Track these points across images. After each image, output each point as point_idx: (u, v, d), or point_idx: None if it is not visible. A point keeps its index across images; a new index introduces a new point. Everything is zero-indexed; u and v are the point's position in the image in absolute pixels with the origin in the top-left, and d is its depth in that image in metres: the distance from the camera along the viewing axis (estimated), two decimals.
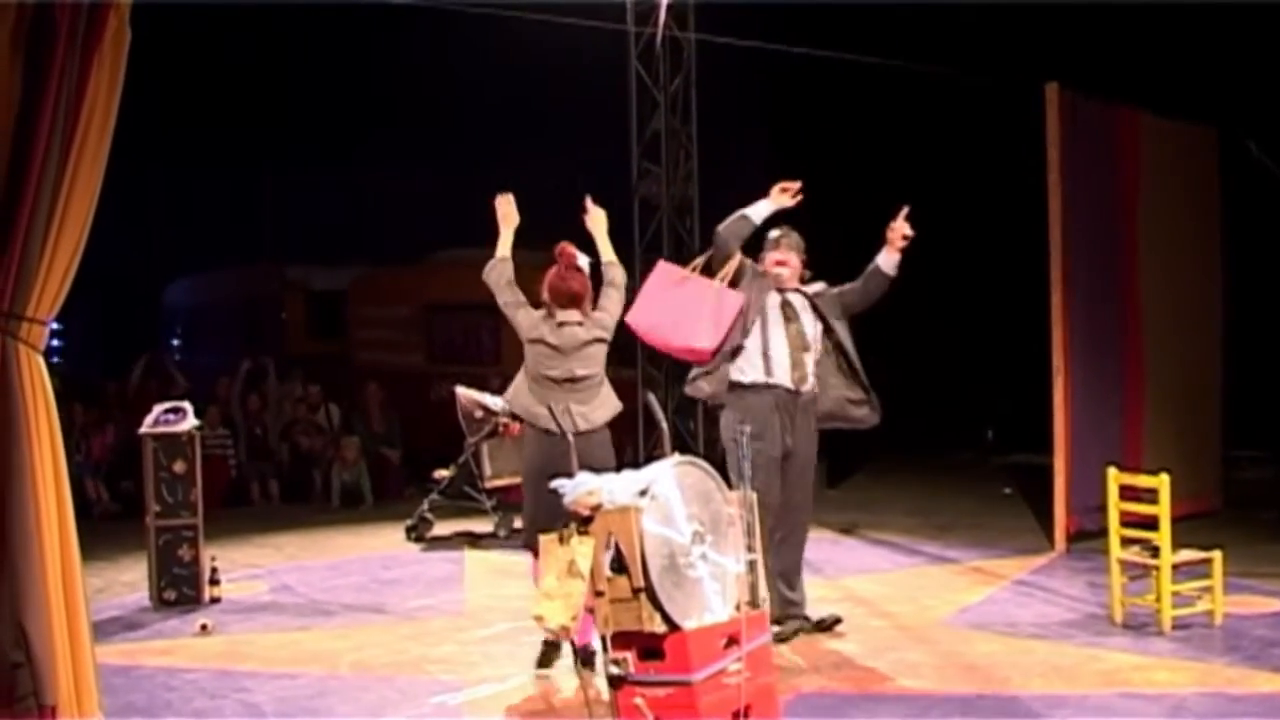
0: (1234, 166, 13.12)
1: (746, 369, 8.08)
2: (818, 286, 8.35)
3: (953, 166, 17.86)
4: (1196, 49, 13.91)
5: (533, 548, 7.11)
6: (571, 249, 7.62)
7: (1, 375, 5.47)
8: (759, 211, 8.23)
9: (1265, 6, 12.33)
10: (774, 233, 8.36)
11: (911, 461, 16.95)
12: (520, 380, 7.62)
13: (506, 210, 7.86)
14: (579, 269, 7.60)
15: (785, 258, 8.26)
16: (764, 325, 8.10)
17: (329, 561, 11.36)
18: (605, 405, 7.61)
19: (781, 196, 8.23)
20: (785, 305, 8.17)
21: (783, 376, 8.05)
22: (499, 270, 7.67)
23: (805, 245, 8.36)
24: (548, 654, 7.43)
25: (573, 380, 7.50)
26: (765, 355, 8.06)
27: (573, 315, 7.55)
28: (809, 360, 8.16)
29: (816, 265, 8.39)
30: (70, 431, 12.81)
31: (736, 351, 8.09)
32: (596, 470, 6.11)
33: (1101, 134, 11.51)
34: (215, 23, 17.23)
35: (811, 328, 8.22)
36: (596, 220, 7.94)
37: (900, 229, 8.26)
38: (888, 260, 8.29)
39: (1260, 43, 13.08)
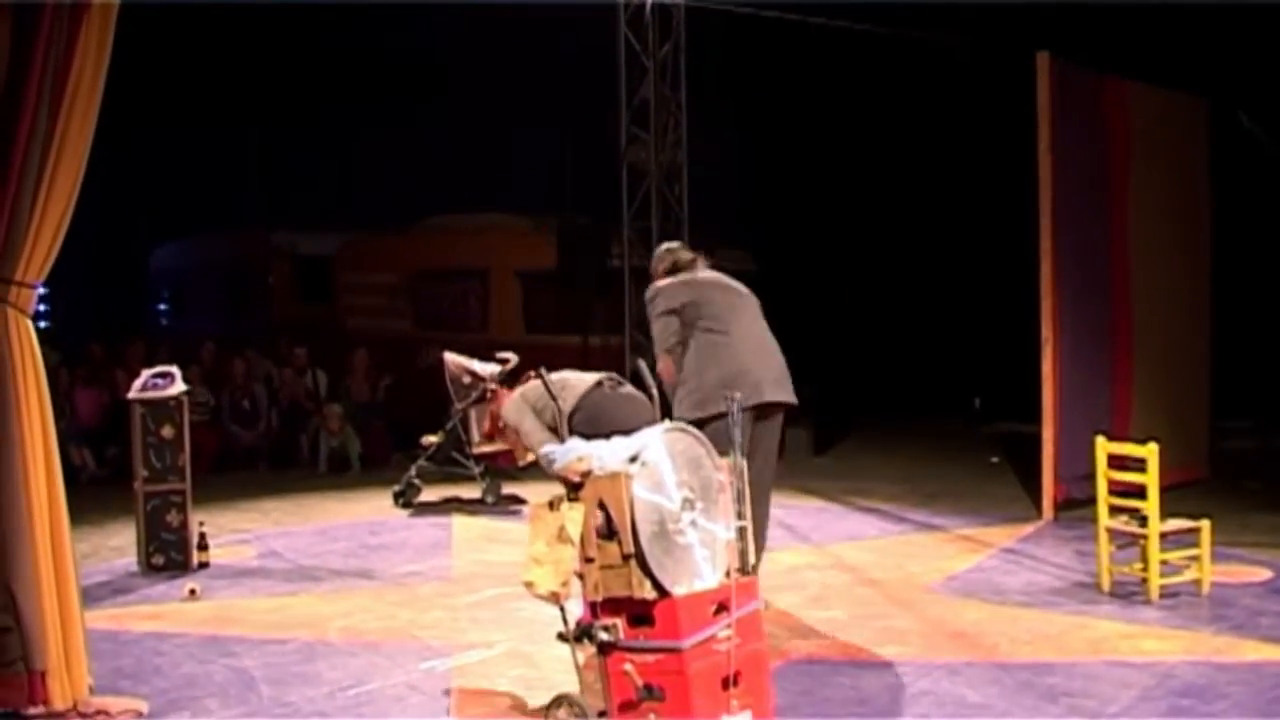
0: (1224, 136, 13.12)
1: None
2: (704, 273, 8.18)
3: (942, 135, 17.84)
4: (1187, 19, 13.89)
5: None
6: None
7: None
8: None
9: None
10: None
11: (899, 429, 16.96)
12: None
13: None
14: None
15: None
16: None
17: (317, 527, 11.36)
18: None
19: None
20: None
21: None
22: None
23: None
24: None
25: None
26: None
27: None
28: None
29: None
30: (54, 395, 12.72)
31: None
32: None
33: (1092, 103, 11.48)
34: None
35: None
36: None
37: None
38: None
39: (1250, 13, 13.05)
